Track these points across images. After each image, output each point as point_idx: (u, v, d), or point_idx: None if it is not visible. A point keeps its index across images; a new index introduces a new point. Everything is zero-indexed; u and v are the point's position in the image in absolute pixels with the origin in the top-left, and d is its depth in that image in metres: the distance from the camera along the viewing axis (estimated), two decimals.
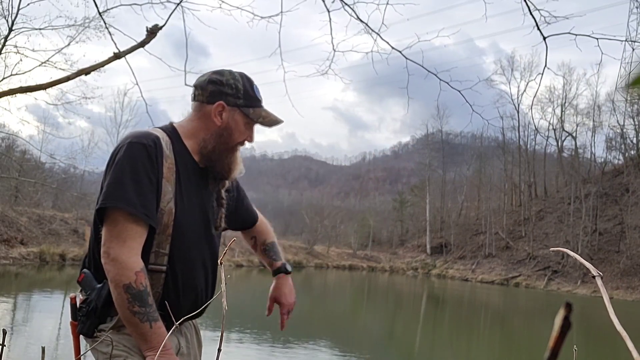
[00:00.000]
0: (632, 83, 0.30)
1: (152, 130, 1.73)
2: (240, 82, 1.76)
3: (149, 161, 1.62)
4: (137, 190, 1.59)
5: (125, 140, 1.66)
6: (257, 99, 1.78)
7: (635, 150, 46.46)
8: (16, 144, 26.95)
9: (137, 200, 1.58)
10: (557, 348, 0.33)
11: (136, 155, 1.62)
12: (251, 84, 1.79)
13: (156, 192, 1.63)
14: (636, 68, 0.29)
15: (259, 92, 1.80)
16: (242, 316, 13.33)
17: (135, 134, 1.70)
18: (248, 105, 1.75)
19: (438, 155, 58.94)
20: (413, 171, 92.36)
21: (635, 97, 1.67)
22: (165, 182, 1.66)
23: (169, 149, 1.69)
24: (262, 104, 1.80)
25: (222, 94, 1.74)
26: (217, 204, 1.83)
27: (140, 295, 1.54)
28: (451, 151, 70.03)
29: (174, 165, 1.69)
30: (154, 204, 1.63)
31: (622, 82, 0.37)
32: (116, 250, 1.56)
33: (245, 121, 1.76)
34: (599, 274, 0.61)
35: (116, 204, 1.58)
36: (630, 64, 0.89)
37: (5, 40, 13.05)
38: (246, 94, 1.76)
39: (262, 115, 1.77)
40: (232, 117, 1.74)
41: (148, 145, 1.63)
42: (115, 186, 1.60)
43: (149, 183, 1.62)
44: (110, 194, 1.60)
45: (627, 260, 36.51)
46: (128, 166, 1.61)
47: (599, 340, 13.89)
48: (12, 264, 21.16)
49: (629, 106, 41.87)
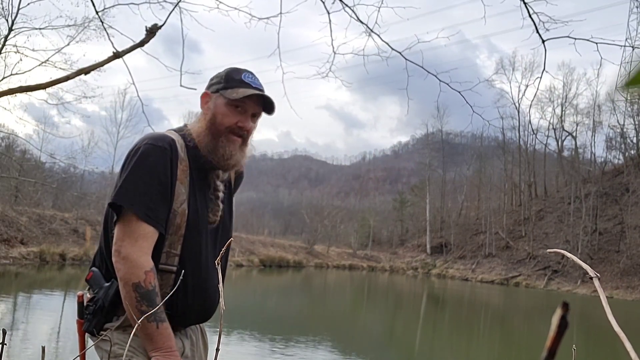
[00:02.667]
0: (630, 82, 0.30)
1: (168, 133, 1.75)
2: (225, 71, 1.78)
3: (164, 164, 1.65)
4: (150, 194, 1.62)
5: (142, 142, 1.68)
6: (241, 82, 1.73)
7: (636, 149, 46.46)
8: (16, 144, 27.00)
9: (149, 205, 1.61)
10: (555, 347, 0.33)
11: (152, 157, 1.64)
12: (240, 71, 1.77)
13: (169, 196, 1.65)
14: (635, 67, 0.29)
15: (249, 77, 1.76)
16: (242, 316, 13.33)
17: (153, 135, 1.73)
18: (227, 87, 1.73)
19: (438, 155, 58.97)
20: (413, 171, 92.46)
21: (635, 97, 1.68)
22: (179, 185, 1.68)
23: (183, 151, 1.71)
24: (250, 86, 1.74)
25: (210, 86, 1.78)
26: (214, 196, 1.80)
27: (149, 294, 1.55)
28: (451, 151, 70.08)
29: (188, 167, 1.71)
30: (165, 209, 1.64)
31: (621, 82, 0.37)
32: (127, 249, 1.57)
33: (224, 102, 1.73)
34: (596, 275, 0.61)
35: (130, 206, 1.60)
36: (630, 63, 0.88)
37: (5, 40, 13.07)
38: (227, 77, 1.75)
39: (237, 91, 1.72)
40: (214, 103, 1.75)
41: (164, 148, 1.66)
42: (130, 187, 1.62)
43: (162, 187, 1.64)
44: (125, 194, 1.62)
45: (627, 260, 36.51)
46: (143, 168, 1.63)
47: (599, 340, 13.89)
48: (12, 264, 21.15)
49: (629, 106, 41.88)
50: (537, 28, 3.74)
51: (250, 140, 1.80)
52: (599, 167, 48.32)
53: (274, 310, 16.90)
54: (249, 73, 1.78)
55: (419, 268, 48.45)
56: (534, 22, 3.70)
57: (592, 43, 3.53)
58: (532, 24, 3.72)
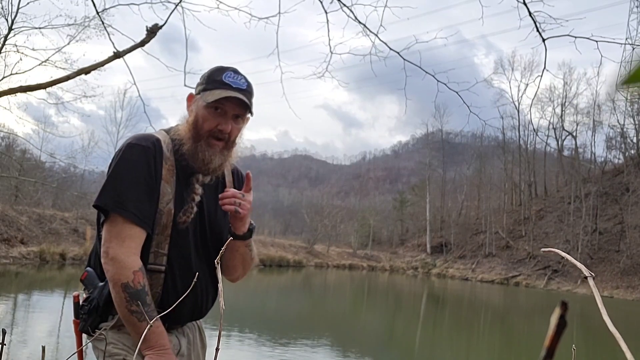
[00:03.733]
0: (629, 80, 0.30)
1: (155, 133, 1.75)
2: (209, 71, 1.73)
3: (147, 163, 1.64)
4: (134, 193, 1.61)
5: (126, 142, 1.69)
6: (220, 82, 1.67)
7: (636, 149, 46.45)
8: (16, 143, 26.99)
9: (133, 205, 1.60)
10: (553, 347, 0.33)
11: (135, 157, 1.64)
12: (222, 70, 1.71)
13: (154, 195, 1.65)
14: (635, 66, 0.29)
15: (230, 77, 1.68)
16: (242, 316, 13.34)
17: (137, 136, 1.72)
18: (206, 89, 1.69)
19: (438, 155, 59.00)
20: (413, 171, 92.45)
21: (635, 96, 1.68)
22: (165, 184, 1.67)
23: (169, 150, 1.70)
24: (229, 87, 1.67)
25: (196, 87, 1.75)
26: (190, 198, 1.72)
27: (138, 294, 1.55)
28: (451, 150, 70.10)
29: (173, 167, 1.70)
30: (151, 208, 1.64)
31: (620, 80, 0.37)
32: (115, 249, 1.57)
33: (203, 105, 1.68)
34: (590, 274, 0.61)
35: (114, 208, 1.60)
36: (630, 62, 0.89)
37: (5, 39, 13.05)
38: (209, 78, 1.70)
39: (214, 93, 1.65)
40: (197, 105, 1.71)
41: (147, 147, 1.65)
42: (114, 188, 1.62)
43: (147, 186, 1.63)
44: (108, 196, 1.62)
45: (627, 260, 36.51)
46: (126, 168, 1.63)
47: (599, 340, 13.88)
48: (12, 263, 21.16)
49: (629, 105, 41.86)
50: (537, 27, 3.74)
51: (238, 141, 1.75)
52: (599, 167, 48.33)
53: (273, 310, 16.90)
54: (232, 72, 1.71)
55: (419, 268, 48.45)
56: (534, 21, 3.70)
57: (592, 42, 3.53)
58: (533, 22, 3.72)
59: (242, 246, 1.82)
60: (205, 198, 1.77)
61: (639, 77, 0.29)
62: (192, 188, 1.73)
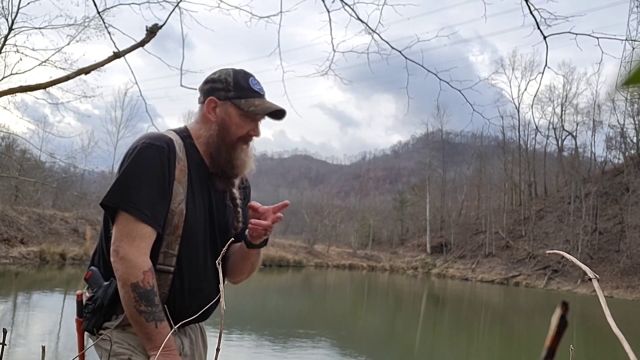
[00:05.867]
0: (629, 80, 0.30)
1: (166, 133, 1.75)
2: (231, 75, 1.75)
3: (161, 163, 1.64)
4: (147, 193, 1.61)
5: (139, 141, 1.68)
6: (251, 90, 1.74)
7: (636, 149, 46.44)
8: (16, 143, 26.97)
9: (145, 204, 1.60)
10: (554, 347, 0.33)
11: (149, 157, 1.63)
12: (246, 76, 1.76)
13: (167, 195, 1.65)
14: (634, 66, 0.29)
15: (256, 84, 1.76)
16: (242, 316, 13.33)
17: (150, 135, 1.72)
18: (240, 97, 1.72)
19: (438, 155, 58.98)
20: (413, 170, 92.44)
21: (635, 96, 1.68)
22: (177, 184, 1.67)
23: (181, 151, 1.70)
24: (260, 95, 1.75)
25: (213, 90, 1.74)
26: (232, 204, 1.82)
27: (147, 294, 1.55)
28: (451, 150, 70.11)
29: (186, 167, 1.70)
30: (163, 208, 1.64)
31: (620, 80, 0.37)
32: (125, 249, 1.57)
33: (239, 113, 1.72)
34: (595, 276, 0.61)
35: (126, 207, 1.60)
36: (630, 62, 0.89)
37: (5, 39, 13.04)
38: (237, 85, 1.73)
39: (255, 104, 1.72)
40: (225, 111, 1.73)
41: (161, 147, 1.65)
42: (126, 187, 1.62)
43: (160, 186, 1.63)
44: (120, 194, 1.62)
45: (627, 260, 36.50)
46: (140, 168, 1.63)
47: (599, 340, 13.88)
48: (12, 263, 21.15)
49: (629, 105, 41.87)
50: (538, 24, 3.74)
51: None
52: (599, 167, 48.32)
53: (274, 310, 16.90)
54: (253, 78, 1.77)
55: (419, 268, 48.44)
56: (535, 19, 3.70)
57: (593, 41, 3.53)
58: (534, 20, 3.72)
59: (255, 254, 1.85)
60: (215, 199, 1.78)
61: (639, 78, 0.29)
62: (231, 193, 1.81)
